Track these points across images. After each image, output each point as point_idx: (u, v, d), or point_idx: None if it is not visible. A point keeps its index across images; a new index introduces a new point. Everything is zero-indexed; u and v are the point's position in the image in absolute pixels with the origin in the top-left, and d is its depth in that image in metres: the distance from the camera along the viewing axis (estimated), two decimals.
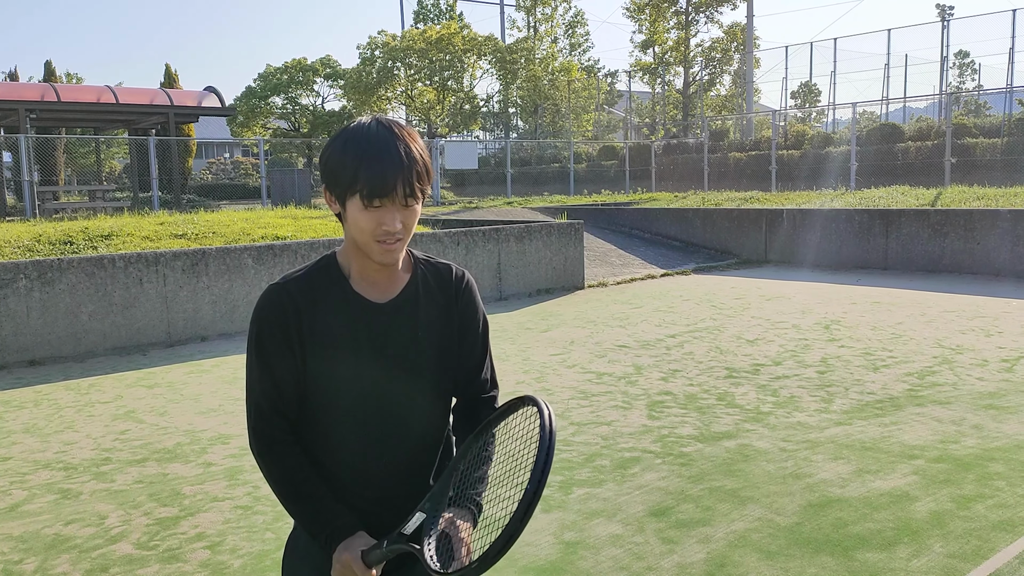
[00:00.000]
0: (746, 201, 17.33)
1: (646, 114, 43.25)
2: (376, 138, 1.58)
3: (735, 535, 3.76)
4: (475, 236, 11.19)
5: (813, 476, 4.45)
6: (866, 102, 31.10)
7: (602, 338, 8.51)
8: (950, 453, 4.75)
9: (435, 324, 1.74)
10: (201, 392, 6.71)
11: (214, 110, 22.43)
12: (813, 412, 5.67)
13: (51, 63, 29.59)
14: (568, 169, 27.42)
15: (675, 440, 5.14)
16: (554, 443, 1.52)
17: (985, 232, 12.47)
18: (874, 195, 15.81)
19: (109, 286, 8.30)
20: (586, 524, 3.93)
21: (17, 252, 9.05)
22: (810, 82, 43.44)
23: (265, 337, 1.67)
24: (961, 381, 6.38)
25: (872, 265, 13.70)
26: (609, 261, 14.28)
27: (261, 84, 34.78)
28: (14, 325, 7.76)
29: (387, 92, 32.01)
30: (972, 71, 46.00)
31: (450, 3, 41.40)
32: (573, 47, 41.94)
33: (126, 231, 10.32)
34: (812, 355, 7.43)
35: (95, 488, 4.58)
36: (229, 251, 9.13)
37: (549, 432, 1.51)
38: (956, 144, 21.03)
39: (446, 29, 31.29)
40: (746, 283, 12.50)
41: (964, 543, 3.62)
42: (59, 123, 23.48)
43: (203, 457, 5.08)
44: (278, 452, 1.69)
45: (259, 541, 3.87)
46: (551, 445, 1.50)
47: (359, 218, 1.59)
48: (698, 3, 36.71)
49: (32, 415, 6.13)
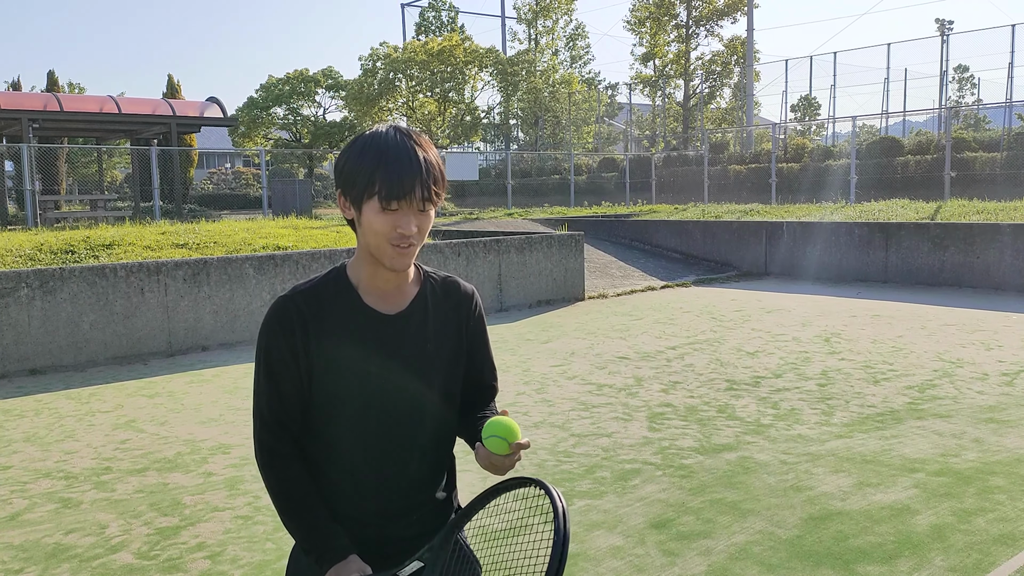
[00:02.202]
0: (746, 214, 17.37)
1: (646, 126, 43.38)
2: (394, 143, 1.60)
3: (736, 548, 3.76)
4: (476, 247, 11.21)
5: (814, 489, 4.45)
6: (866, 116, 31.24)
7: (602, 349, 8.52)
8: (951, 466, 4.75)
9: (444, 336, 1.75)
10: (202, 402, 6.70)
11: (216, 120, 22.50)
12: (814, 425, 5.67)
13: (54, 73, 29.73)
14: (568, 181, 27.48)
15: (676, 452, 5.14)
16: (568, 544, 1.48)
17: (985, 246, 12.50)
18: (874, 208, 15.84)
19: (110, 295, 8.31)
20: (587, 536, 3.93)
21: (19, 261, 9.07)
22: (810, 95, 43.61)
23: (271, 349, 1.67)
24: (961, 395, 6.39)
25: (872, 278, 13.72)
26: (609, 273, 14.30)
27: (263, 95, 34.87)
28: (15, 334, 7.77)
29: (388, 103, 32.11)
30: (972, 85, 46.18)
31: (452, 15, 41.61)
32: (574, 59, 42.13)
33: (127, 240, 10.35)
34: (813, 368, 7.44)
35: (96, 497, 4.58)
36: (230, 261, 9.15)
37: (564, 532, 1.48)
38: (956, 158, 21.10)
39: (448, 41, 31.43)
40: (746, 295, 12.51)
41: (965, 556, 3.61)
42: (62, 133, 23.54)
43: (204, 467, 5.07)
44: (279, 465, 1.69)
45: (260, 551, 3.86)
46: (564, 550, 1.46)
47: (375, 221, 1.60)
48: (698, 16, 36.92)
49: (33, 424, 6.13)
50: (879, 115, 33.93)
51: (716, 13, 36.66)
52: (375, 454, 1.70)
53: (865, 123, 31.54)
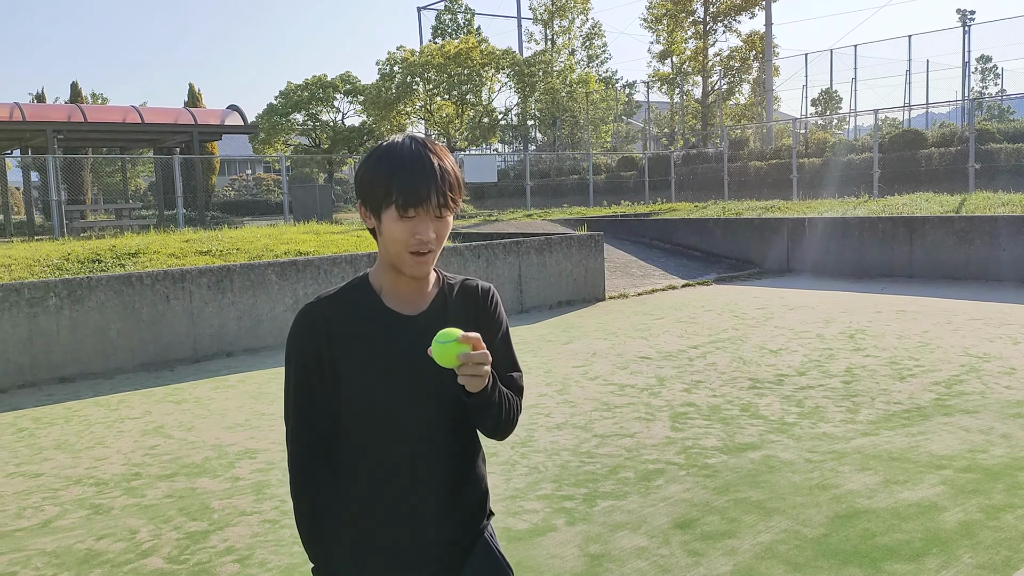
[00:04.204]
0: (767, 210, 17.25)
1: (665, 124, 43.21)
2: (409, 152, 1.66)
3: (761, 547, 3.74)
4: (496, 249, 11.23)
5: (840, 487, 4.42)
6: (888, 108, 30.90)
7: (624, 349, 8.50)
8: (978, 463, 4.70)
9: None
10: (227, 407, 6.78)
11: (237, 128, 22.76)
12: (839, 423, 5.63)
13: (77, 84, 30.22)
14: (587, 181, 27.46)
15: (699, 452, 5.13)
16: None
17: (1011, 239, 12.32)
18: (897, 202, 15.68)
19: (137, 303, 8.43)
20: (611, 536, 3.93)
21: (47, 271, 9.22)
22: (831, 89, 43.23)
23: (300, 355, 1.73)
24: (989, 390, 6.31)
25: (897, 273, 13.57)
26: (629, 272, 14.27)
27: (282, 101, 35.20)
28: (45, 343, 7.90)
29: (406, 107, 32.26)
30: (995, 75, 45.57)
31: (468, 18, 41.72)
32: (591, 59, 42.09)
33: (152, 248, 10.49)
34: (837, 365, 7.38)
35: (126, 503, 4.66)
36: (253, 267, 9.25)
37: None
38: (980, 149, 20.81)
39: (464, 44, 31.52)
40: (768, 293, 12.43)
41: (994, 554, 3.58)
42: (86, 143, 23.91)
43: (231, 472, 5.14)
44: (307, 472, 1.75)
45: (287, 555, 3.91)
46: None
47: (394, 229, 1.65)
48: (716, 12, 36.71)
49: (63, 431, 6.24)
50: (901, 108, 33.54)
51: (734, 8, 36.44)
52: (406, 452, 1.73)
53: (887, 116, 31.20)
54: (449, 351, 1.55)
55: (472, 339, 1.56)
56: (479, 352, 1.57)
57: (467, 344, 1.56)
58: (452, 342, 1.55)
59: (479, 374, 1.58)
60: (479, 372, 1.57)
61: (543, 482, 4.70)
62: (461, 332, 1.56)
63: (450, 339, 1.56)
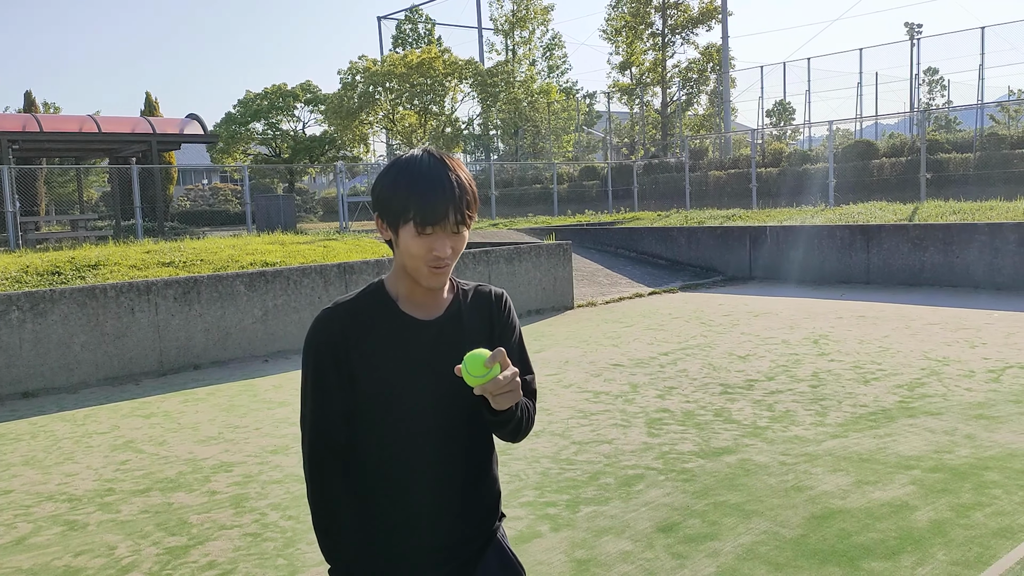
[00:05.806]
0: (729, 219, 17.56)
1: (625, 134, 43.68)
2: (427, 169, 1.68)
3: (743, 548, 3.83)
4: (465, 258, 11.25)
5: (814, 488, 4.54)
6: (841, 120, 31.64)
7: (596, 357, 8.59)
8: (945, 463, 4.86)
9: (478, 335, 1.83)
10: (199, 420, 6.69)
11: (197, 137, 22.43)
12: (809, 426, 5.77)
13: (31, 93, 29.51)
14: (550, 190, 27.62)
15: (676, 456, 5.21)
16: None
17: (963, 246, 12.73)
18: (853, 211, 16.08)
19: (101, 316, 8.27)
20: (596, 541, 3.98)
21: (5, 284, 9.00)
22: (785, 101, 44.18)
23: (317, 361, 1.75)
24: (950, 392, 6.52)
25: (855, 280, 13.91)
26: (597, 280, 14.40)
27: (241, 110, 34.80)
28: (7, 357, 7.71)
29: (369, 116, 32.14)
30: (942, 87, 47.00)
31: (428, 28, 41.75)
32: (551, 69, 42.38)
33: (113, 260, 10.28)
34: (803, 370, 7.55)
35: (101, 519, 4.57)
36: (221, 278, 9.13)
37: None
38: (930, 159, 21.45)
39: (426, 53, 31.54)
40: (733, 300, 12.65)
41: (966, 550, 3.71)
42: (41, 153, 23.35)
43: (207, 486, 5.07)
44: (326, 478, 1.77)
45: (272, 568, 3.88)
46: None
47: (411, 244, 1.69)
48: (674, 25, 37.29)
49: (30, 447, 6.09)
50: (853, 119, 34.41)
51: (691, 21, 37.05)
52: (422, 454, 1.76)
53: (840, 127, 31.98)
54: (482, 380, 1.58)
55: (499, 358, 1.59)
56: (510, 375, 1.59)
57: (496, 367, 1.59)
58: (482, 375, 1.57)
59: (510, 393, 1.61)
60: (510, 391, 1.61)
61: (525, 489, 4.74)
62: (489, 354, 1.59)
63: (479, 368, 1.57)
